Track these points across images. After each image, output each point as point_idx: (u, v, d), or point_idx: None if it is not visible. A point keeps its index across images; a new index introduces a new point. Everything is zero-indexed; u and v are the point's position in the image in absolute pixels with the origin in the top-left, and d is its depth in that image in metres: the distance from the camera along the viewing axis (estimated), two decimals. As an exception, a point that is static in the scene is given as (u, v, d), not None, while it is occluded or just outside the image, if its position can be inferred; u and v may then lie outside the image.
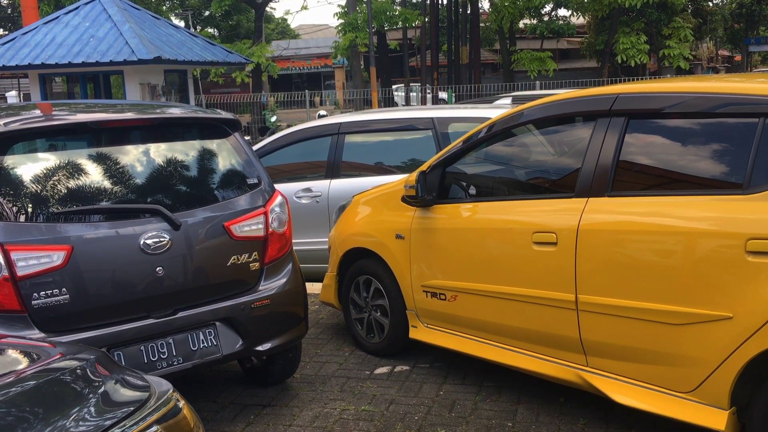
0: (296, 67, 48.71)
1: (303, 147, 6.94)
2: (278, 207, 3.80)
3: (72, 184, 3.24)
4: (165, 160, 3.58)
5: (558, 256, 3.40)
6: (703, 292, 2.91)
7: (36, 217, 3.11)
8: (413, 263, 4.24)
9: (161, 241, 3.32)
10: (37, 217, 3.11)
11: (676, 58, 21.65)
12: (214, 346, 3.50)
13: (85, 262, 3.15)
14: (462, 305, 3.98)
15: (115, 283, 3.23)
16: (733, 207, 2.85)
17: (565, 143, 3.89)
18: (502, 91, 19.44)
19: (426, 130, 6.36)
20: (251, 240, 3.65)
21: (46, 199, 3.15)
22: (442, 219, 4.10)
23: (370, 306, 4.65)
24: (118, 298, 3.24)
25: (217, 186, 3.74)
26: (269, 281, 3.73)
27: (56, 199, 3.18)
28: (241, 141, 3.86)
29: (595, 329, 3.31)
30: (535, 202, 3.70)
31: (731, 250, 2.81)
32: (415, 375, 4.28)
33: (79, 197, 3.23)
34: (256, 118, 21.62)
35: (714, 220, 2.91)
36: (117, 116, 3.59)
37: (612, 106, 3.35)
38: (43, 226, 3.10)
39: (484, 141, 4.12)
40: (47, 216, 3.13)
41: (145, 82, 14.45)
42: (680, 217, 3.03)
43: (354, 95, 23.64)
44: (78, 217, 3.19)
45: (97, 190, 3.30)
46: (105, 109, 3.81)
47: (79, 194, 3.24)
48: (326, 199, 6.49)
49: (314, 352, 4.74)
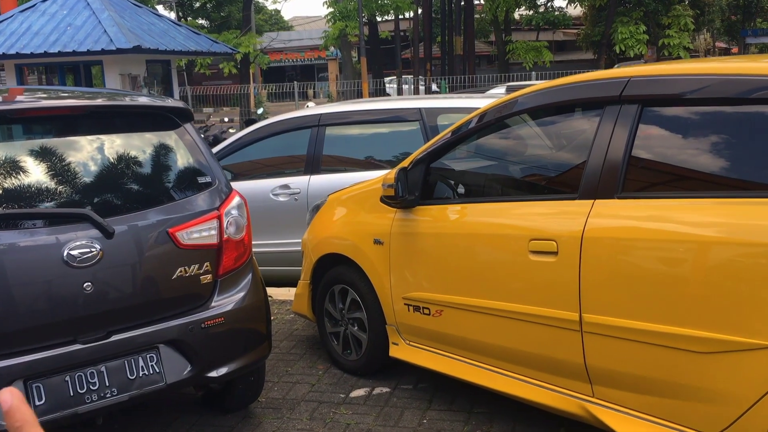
0: (289, 59, 48.12)
1: (281, 140, 6.42)
2: (235, 210, 3.28)
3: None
4: (98, 156, 3.05)
5: (559, 267, 2.90)
6: (737, 315, 2.40)
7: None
8: (393, 272, 3.73)
9: (90, 251, 2.80)
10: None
11: (676, 48, 21.12)
12: (157, 373, 2.98)
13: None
14: (448, 321, 3.47)
15: (32, 302, 2.71)
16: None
17: (567, 135, 3.38)
18: (497, 82, 18.93)
19: (413, 121, 5.85)
20: (202, 248, 3.14)
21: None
22: (426, 222, 3.58)
23: (347, 319, 4.14)
24: (35, 320, 2.72)
25: (161, 186, 3.22)
26: (224, 296, 3.22)
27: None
28: (192, 133, 3.34)
29: (602, 354, 2.81)
30: (532, 204, 3.19)
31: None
32: (396, 399, 3.78)
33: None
34: (244, 111, 21.04)
35: (749, 229, 2.40)
36: (38, 104, 3.06)
37: (623, 91, 2.83)
38: (-59, 236, 2.58)
39: (474, 133, 3.61)
40: (-53, 223, 2.61)
41: (125, 72, 13.88)
42: (707, 224, 2.52)
43: (345, 87, 23.07)
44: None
45: (12, 191, 2.77)
46: (32, 96, 3.28)
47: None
48: (305, 196, 5.98)
49: (284, 371, 4.23)
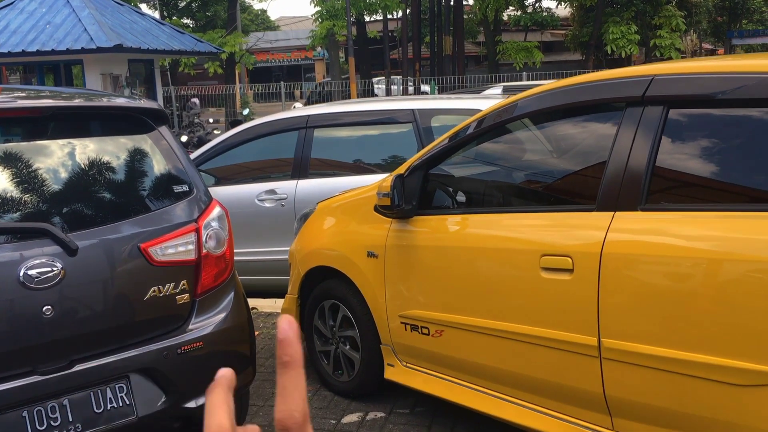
0: (276, 60, 47.67)
1: (267, 143, 6.11)
2: (215, 221, 2.97)
3: None
4: (61, 162, 2.73)
5: (575, 286, 2.61)
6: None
7: None
8: (389, 288, 3.44)
9: (50, 270, 2.48)
10: None
11: (667, 49, 20.92)
12: (127, 405, 2.66)
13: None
14: (449, 343, 3.18)
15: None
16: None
17: (580, 141, 3.09)
18: (487, 82, 18.66)
19: (406, 123, 5.55)
20: (178, 265, 2.83)
21: None
22: (425, 234, 3.29)
23: (338, 337, 3.83)
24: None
25: (132, 195, 2.91)
26: (203, 318, 2.91)
27: None
28: (167, 137, 3.02)
29: (623, 384, 2.53)
30: (543, 215, 2.91)
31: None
32: (392, 425, 3.48)
33: (-69, 214, 2.39)
34: (230, 111, 20.67)
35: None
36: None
37: (646, 91, 2.55)
38: None
39: (474, 138, 3.33)
40: None
41: (106, 72, 13.50)
42: (744, 240, 2.24)
43: (333, 87, 22.72)
44: (-71, 242, 2.35)
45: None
46: (7, 96, 2.94)
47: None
48: (293, 202, 5.67)
49: (270, 393, 3.92)
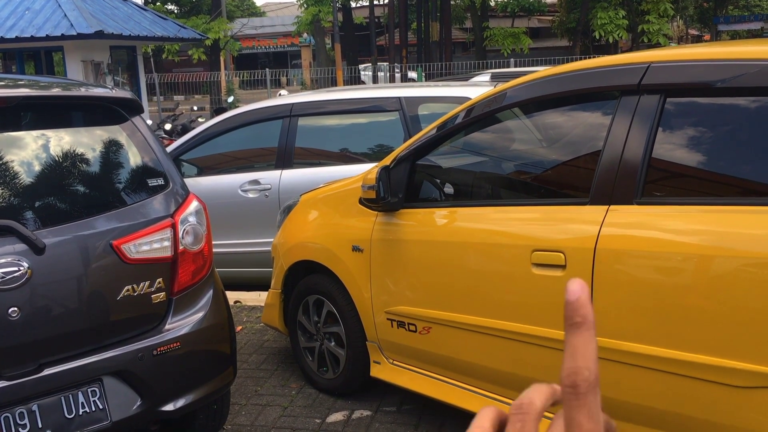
0: (262, 46, 47.22)
1: (250, 131, 5.96)
2: (192, 216, 2.84)
3: None
4: (28, 156, 2.59)
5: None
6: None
7: None
8: (375, 283, 3.33)
9: (16, 270, 2.35)
10: None
11: (655, 34, 20.80)
12: (100, 410, 2.54)
13: None
14: (437, 340, 3.08)
15: (-56, 334, 2.26)
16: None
17: (572, 131, 2.98)
18: (475, 69, 18.51)
19: (392, 111, 5.42)
20: (153, 263, 2.70)
21: None
22: (411, 227, 3.18)
23: (323, 333, 3.72)
24: (-51, 355, 2.27)
25: (104, 190, 2.77)
26: (180, 317, 2.78)
27: None
28: (141, 128, 2.88)
29: (618, 384, 2.44)
30: (534, 209, 2.80)
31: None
32: (378, 424, 3.38)
33: None
34: (214, 99, 20.41)
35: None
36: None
37: (642, 79, 2.44)
38: None
39: (463, 129, 3.21)
40: None
41: (88, 59, 13.24)
42: (745, 236, 2.15)
43: (319, 74, 22.49)
44: None
45: None
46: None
47: None
48: (277, 192, 5.54)
49: (253, 390, 3.81)
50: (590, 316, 0.45)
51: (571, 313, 0.45)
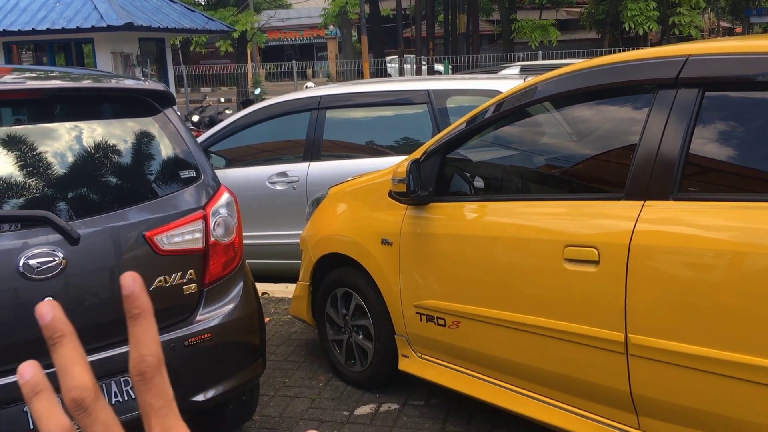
0: (288, 38, 47.33)
1: (278, 124, 5.97)
2: (224, 208, 2.85)
3: None
4: (63, 148, 2.62)
5: (600, 279, 2.48)
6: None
7: None
8: (404, 277, 3.32)
9: (51, 260, 2.38)
10: None
11: (686, 26, 20.47)
12: (132, 400, 2.57)
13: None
14: (467, 335, 3.06)
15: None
16: None
17: (606, 126, 2.94)
18: (502, 61, 18.37)
19: (421, 104, 5.40)
20: (185, 254, 2.72)
21: None
22: (441, 221, 3.16)
23: (351, 326, 3.73)
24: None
25: (137, 181, 2.79)
26: (211, 308, 2.80)
27: None
28: (173, 120, 2.90)
29: (651, 382, 2.40)
30: (566, 203, 2.77)
31: None
32: (406, 417, 3.38)
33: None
34: (241, 90, 20.51)
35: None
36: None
37: (680, 72, 2.40)
38: None
39: (493, 123, 3.19)
40: None
41: (117, 51, 13.39)
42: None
43: (345, 66, 22.48)
44: (-76, 231, 2.25)
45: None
46: (18, 76, 2.82)
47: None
48: (304, 184, 5.55)
49: (281, 382, 3.83)
50: (147, 305, 0.48)
51: (128, 306, 0.48)
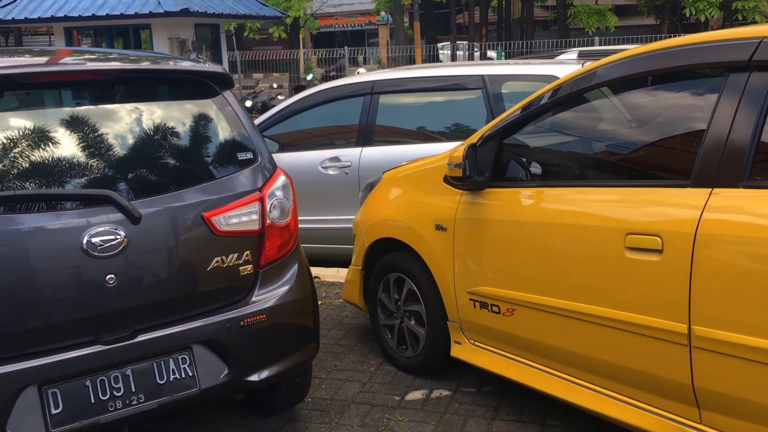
0: (339, 25, 47.44)
1: (331, 108, 5.99)
2: (280, 190, 2.87)
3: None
4: (123, 129, 2.66)
5: (663, 269, 2.41)
6: None
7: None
8: (458, 263, 3.29)
9: (113, 239, 2.42)
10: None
11: (750, 12, 19.73)
12: (190, 377, 2.61)
13: (2, 269, 2.27)
14: (522, 323, 3.02)
15: (46, 297, 2.35)
16: None
17: (670, 111, 2.85)
18: (558, 48, 18.03)
19: (475, 89, 5.34)
20: (241, 235, 2.74)
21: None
22: (497, 207, 3.12)
23: (403, 311, 3.72)
24: (50, 318, 2.37)
25: (196, 162, 2.82)
26: (266, 290, 2.82)
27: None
28: (231, 102, 2.92)
29: (715, 375, 2.32)
30: (628, 191, 2.69)
31: None
32: (458, 404, 3.36)
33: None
34: (293, 77, 20.64)
35: None
36: (54, 67, 2.67)
37: (753, 55, 2.30)
38: (-58, 220, 2.22)
39: (552, 107, 3.12)
40: (-52, 206, 2.25)
41: (174, 36, 13.61)
42: None
43: (396, 53, 22.40)
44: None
45: (24, 170, 2.40)
46: (51, 57, 2.89)
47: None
48: (357, 169, 5.56)
49: (332, 365, 3.85)
50: None
51: None
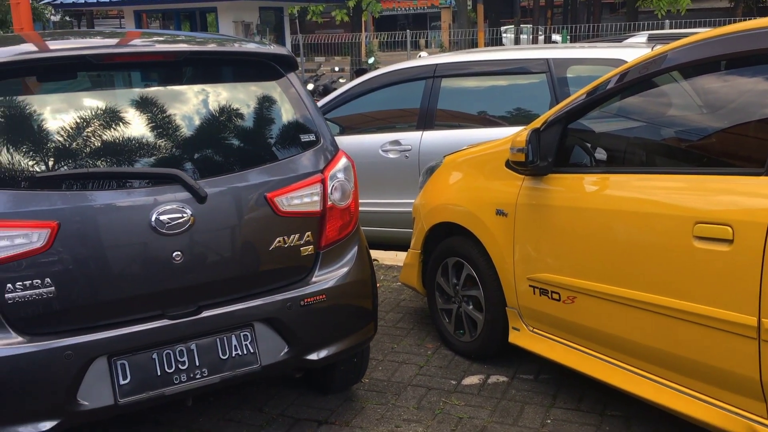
0: (402, 8, 47.30)
1: (392, 92, 5.98)
2: (341, 173, 2.89)
3: (61, 140, 2.43)
4: (191, 110, 2.72)
5: (733, 259, 2.34)
6: None
7: (9, 182, 2.32)
8: (518, 249, 3.26)
9: (181, 217, 2.49)
10: (10, 183, 2.32)
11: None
12: (251, 354, 2.67)
13: (75, 244, 2.36)
14: (582, 311, 2.98)
15: (116, 273, 2.44)
16: None
17: (744, 97, 2.74)
18: (625, 31, 17.54)
19: (539, 73, 5.24)
20: (303, 216, 2.78)
21: (24, 159, 2.36)
22: (560, 193, 3.07)
23: (461, 296, 3.71)
24: (120, 292, 2.45)
25: (259, 143, 2.86)
26: (326, 270, 2.86)
27: (39, 158, 2.39)
28: (296, 85, 2.95)
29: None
30: (696, 178, 2.61)
31: None
32: (515, 391, 3.34)
33: (70, 157, 2.43)
34: (355, 60, 20.68)
35: None
36: (126, 49, 2.74)
37: (837, 38, 2.20)
38: (20, 195, 2.32)
39: (618, 92, 3.04)
40: (25, 181, 2.34)
41: (238, 20, 13.79)
42: None
43: (459, 36, 22.19)
44: (68, 184, 2.39)
45: (96, 149, 2.48)
46: (122, 39, 2.97)
47: (71, 153, 2.43)
48: (417, 153, 5.55)
49: (390, 347, 3.87)
50: None
51: None
